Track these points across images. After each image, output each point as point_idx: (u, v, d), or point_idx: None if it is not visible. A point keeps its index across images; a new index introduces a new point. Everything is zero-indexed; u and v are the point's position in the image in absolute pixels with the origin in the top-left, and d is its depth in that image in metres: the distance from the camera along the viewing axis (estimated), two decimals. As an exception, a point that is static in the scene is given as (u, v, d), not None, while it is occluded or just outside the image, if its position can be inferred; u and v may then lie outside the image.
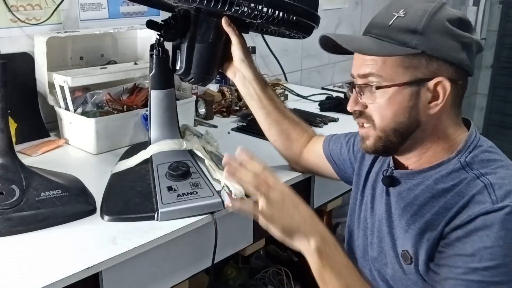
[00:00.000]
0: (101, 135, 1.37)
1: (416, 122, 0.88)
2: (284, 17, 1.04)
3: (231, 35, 1.12)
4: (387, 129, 0.89)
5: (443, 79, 0.85)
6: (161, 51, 1.13)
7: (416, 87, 0.86)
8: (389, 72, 0.86)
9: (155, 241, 0.95)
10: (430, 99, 0.87)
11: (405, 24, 0.85)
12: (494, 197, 0.80)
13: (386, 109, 0.88)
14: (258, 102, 1.18)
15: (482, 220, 0.79)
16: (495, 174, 0.84)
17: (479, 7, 3.64)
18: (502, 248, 0.77)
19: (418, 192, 0.91)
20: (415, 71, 0.86)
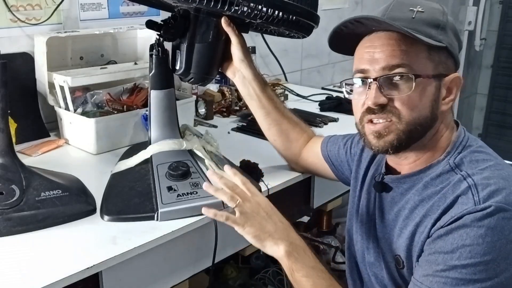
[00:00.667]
0: (101, 135, 1.37)
1: (435, 117, 0.89)
2: (283, 17, 1.04)
3: (230, 35, 1.12)
4: (414, 121, 0.87)
5: (458, 75, 0.89)
6: (160, 51, 1.13)
7: (438, 82, 0.88)
8: (419, 63, 0.86)
9: (155, 241, 0.95)
10: (444, 95, 0.89)
11: (429, 18, 0.88)
12: (477, 198, 0.80)
13: (416, 101, 0.86)
14: (258, 102, 1.19)
15: (463, 219, 0.79)
16: (481, 174, 0.83)
17: (479, 7, 3.64)
18: (481, 247, 0.77)
19: (409, 196, 0.91)
20: (438, 65, 0.88)
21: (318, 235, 1.94)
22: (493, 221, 0.77)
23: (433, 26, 0.87)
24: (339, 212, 2.19)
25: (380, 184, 0.97)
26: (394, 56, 0.86)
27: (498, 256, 0.77)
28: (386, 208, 0.97)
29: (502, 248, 0.77)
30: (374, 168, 1.04)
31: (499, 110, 4.02)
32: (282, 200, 1.26)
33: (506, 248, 0.77)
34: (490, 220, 0.77)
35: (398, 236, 0.92)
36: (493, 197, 0.79)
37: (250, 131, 1.56)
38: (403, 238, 0.90)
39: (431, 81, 0.87)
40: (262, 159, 1.25)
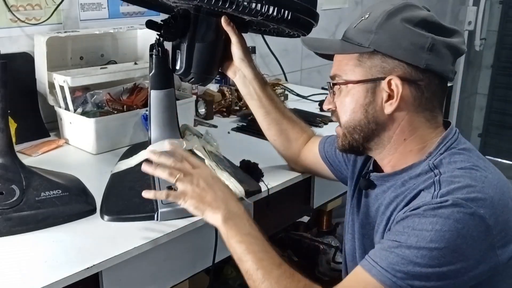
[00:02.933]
0: (101, 135, 1.37)
1: (374, 120, 0.91)
2: (284, 14, 1.04)
3: (230, 34, 1.12)
4: (349, 126, 0.93)
5: (393, 77, 0.87)
6: (160, 51, 1.13)
7: (372, 85, 0.89)
8: (346, 71, 0.92)
9: (155, 241, 0.96)
10: (386, 98, 0.89)
11: (365, 25, 0.90)
12: (436, 192, 0.81)
13: (345, 106, 0.93)
14: (258, 102, 1.19)
15: (418, 210, 0.80)
16: (451, 173, 0.84)
17: (479, 7, 3.64)
18: (429, 233, 0.77)
19: (388, 193, 0.93)
20: (370, 69, 0.89)
21: (318, 235, 1.94)
22: (447, 212, 0.78)
23: (366, 32, 0.89)
24: (339, 212, 2.19)
25: (366, 181, 1.00)
26: (333, 67, 0.96)
27: (445, 247, 0.77)
28: (370, 205, 0.99)
29: (451, 241, 0.77)
30: (366, 167, 1.05)
31: (499, 110, 4.02)
32: (282, 200, 1.26)
33: (456, 241, 0.77)
34: (444, 211, 0.78)
35: (376, 232, 0.94)
36: (452, 194, 0.80)
37: (250, 131, 1.56)
38: (378, 234, 0.92)
39: (359, 86, 0.90)
40: (262, 159, 1.25)
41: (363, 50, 0.89)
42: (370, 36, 0.88)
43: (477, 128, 4.15)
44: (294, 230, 1.96)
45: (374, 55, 0.88)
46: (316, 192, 1.41)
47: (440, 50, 0.87)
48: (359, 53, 0.90)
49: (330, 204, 1.61)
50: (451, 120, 0.99)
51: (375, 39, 0.88)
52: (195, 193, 0.93)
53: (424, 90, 0.88)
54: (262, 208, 1.18)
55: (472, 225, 0.78)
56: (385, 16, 0.88)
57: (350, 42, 0.91)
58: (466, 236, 0.77)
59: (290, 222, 1.58)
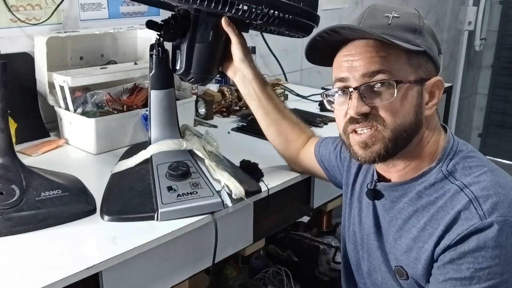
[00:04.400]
0: (101, 135, 1.37)
1: (420, 122, 0.88)
2: (284, 18, 1.04)
3: (230, 34, 1.11)
4: (399, 128, 0.85)
5: (440, 78, 0.88)
6: (161, 51, 1.13)
7: (420, 86, 0.87)
8: (399, 69, 0.85)
9: (155, 241, 0.95)
10: (427, 99, 0.88)
11: (405, 23, 0.86)
12: (481, 212, 0.78)
13: (399, 107, 0.85)
14: (258, 102, 1.19)
15: (475, 240, 0.77)
16: (478, 184, 0.82)
17: (479, 7, 3.64)
18: (499, 267, 0.76)
19: (401, 205, 0.90)
20: (418, 70, 0.87)
21: (318, 235, 1.94)
22: (504, 238, 0.76)
23: (410, 30, 0.86)
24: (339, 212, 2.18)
25: (372, 191, 0.96)
26: (374, 63, 0.84)
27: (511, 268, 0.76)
28: (380, 216, 0.95)
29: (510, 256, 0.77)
30: (362, 175, 1.03)
31: (499, 110, 4.02)
32: (282, 200, 1.26)
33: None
34: (500, 237, 0.76)
35: (393, 246, 0.91)
36: (497, 209, 0.78)
37: (250, 131, 1.56)
38: (400, 250, 0.89)
39: (412, 86, 0.86)
40: (262, 159, 1.25)
41: (416, 48, 0.85)
42: (415, 36, 0.86)
43: (477, 128, 4.16)
44: (294, 230, 1.96)
45: (420, 56, 0.87)
46: (316, 192, 1.41)
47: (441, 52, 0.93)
48: (407, 51, 0.85)
49: (330, 204, 1.61)
50: (451, 120, 1.01)
51: (422, 40, 0.87)
52: None
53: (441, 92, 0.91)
54: (262, 208, 1.18)
55: None
56: (422, 18, 0.89)
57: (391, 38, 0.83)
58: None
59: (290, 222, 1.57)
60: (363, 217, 1.00)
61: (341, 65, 0.89)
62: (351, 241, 1.04)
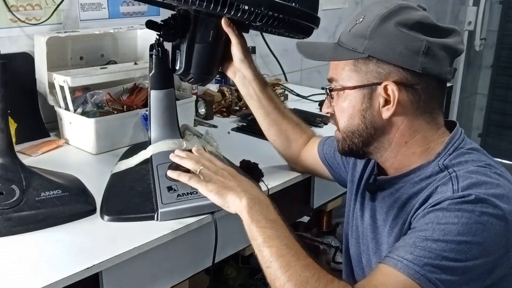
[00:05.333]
0: (101, 135, 1.37)
1: (372, 125, 0.90)
2: (283, 20, 1.04)
3: (230, 35, 1.11)
4: (347, 131, 0.93)
5: (389, 83, 0.86)
6: (160, 51, 1.13)
7: (369, 90, 0.89)
8: (343, 76, 0.91)
9: (155, 241, 0.96)
10: (383, 103, 0.88)
11: (359, 29, 0.89)
12: (456, 187, 0.81)
13: (343, 112, 0.93)
14: (258, 102, 1.19)
15: (442, 204, 0.80)
16: (466, 170, 0.84)
17: (479, 7, 3.64)
18: (456, 226, 0.76)
19: (398, 195, 0.92)
20: (366, 75, 0.89)
21: (318, 235, 1.94)
22: (472, 206, 0.77)
23: (360, 36, 0.88)
24: (339, 212, 2.18)
25: (373, 185, 0.99)
26: (330, 70, 0.95)
27: (472, 240, 0.76)
28: (378, 209, 0.97)
29: (478, 234, 0.76)
30: (368, 171, 1.04)
31: (499, 110, 4.02)
32: (282, 200, 1.26)
33: (483, 235, 0.76)
34: (469, 205, 0.77)
35: (388, 236, 0.92)
36: (473, 188, 0.80)
37: (250, 131, 1.56)
38: (393, 238, 0.91)
39: (356, 92, 0.90)
40: (262, 159, 1.25)
41: (358, 56, 0.88)
42: (364, 41, 0.87)
43: (477, 128, 4.15)
44: (294, 230, 1.95)
45: (369, 61, 0.88)
46: (316, 192, 1.41)
47: (436, 52, 0.86)
48: (354, 59, 0.89)
49: (330, 204, 1.61)
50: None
51: (369, 45, 0.87)
52: (218, 180, 0.93)
53: (422, 93, 0.88)
54: (262, 208, 1.18)
55: (496, 220, 0.78)
56: (379, 20, 0.87)
57: (344, 47, 0.90)
58: (491, 230, 0.77)
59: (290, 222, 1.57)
60: (364, 212, 1.01)
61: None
62: (354, 236, 1.05)
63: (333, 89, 0.93)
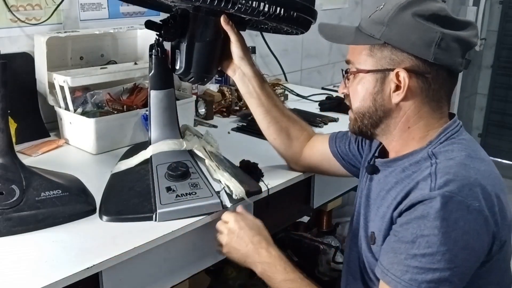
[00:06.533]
0: (101, 135, 1.37)
1: (382, 108, 0.95)
2: (284, 14, 1.05)
3: (229, 33, 1.12)
4: (359, 112, 0.98)
5: (401, 70, 0.90)
6: (160, 51, 1.13)
7: (382, 75, 0.93)
8: (359, 59, 0.95)
9: (155, 241, 0.96)
10: (394, 89, 0.92)
11: (378, 16, 0.93)
12: (433, 185, 0.84)
13: (356, 93, 0.97)
14: (257, 100, 1.19)
15: (420, 209, 0.83)
16: (446, 162, 0.87)
17: (479, 7, 3.64)
18: (437, 237, 0.80)
19: (389, 178, 0.96)
20: (380, 60, 0.93)
21: (318, 235, 1.94)
22: (447, 213, 0.81)
23: (379, 23, 0.92)
24: (339, 212, 2.19)
25: (371, 166, 1.03)
26: (349, 52, 0.99)
27: (455, 247, 0.81)
28: (372, 189, 1.02)
29: (458, 239, 0.81)
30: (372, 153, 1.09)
31: (499, 110, 4.02)
32: (282, 200, 1.26)
33: (463, 238, 0.81)
34: (444, 211, 0.81)
35: (375, 215, 0.98)
36: (447, 185, 0.82)
37: (250, 131, 1.56)
38: (378, 217, 0.96)
39: (370, 75, 0.94)
40: (262, 159, 1.25)
41: (374, 42, 0.92)
42: (382, 28, 0.91)
43: (477, 128, 4.15)
44: (294, 230, 1.96)
45: (385, 47, 0.92)
46: (316, 192, 1.41)
47: (449, 44, 0.89)
48: (370, 44, 0.93)
49: (330, 204, 1.61)
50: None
51: (386, 32, 0.91)
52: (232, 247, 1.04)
53: (432, 82, 0.91)
54: (262, 208, 1.18)
55: (472, 219, 0.81)
56: (397, 9, 0.91)
57: (363, 31, 0.95)
58: (470, 231, 0.81)
59: (290, 222, 1.58)
60: (363, 190, 1.06)
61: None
62: (356, 215, 1.08)
63: (349, 72, 0.98)
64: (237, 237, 1.03)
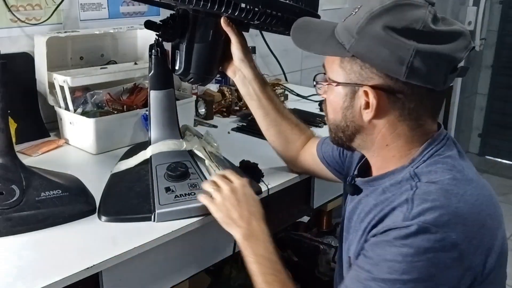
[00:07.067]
0: (101, 135, 1.37)
1: (353, 124, 0.87)
2: (282, 18, 1.04)
3: (230, 34, 1.11)
4: (332, 124, 0.92)
5: (368, 88, 0.82)
6: (160, 51, 1.13)
7: (351, 90, 0.85)
8: (332, 69, 0.88)
9: (154, 241, 0.96)
10: (364, 106, 0.84)
11: (350, 23, 0.84)
12: (408, 214, 0.77)
13: (329, 104, 0.91)
14: (257, 102, 1.18)
15: (392, 234, 0.77)
16: (427, 187, 0.79)
17: (479, 7, 3.64)
18: (400, 265, 0.75)
19: (369, 199, 0.90)
20: (349, 74, 0.85)
21: (318, 235, 1.93)
22: (416, 242, 0.75)
23: (349, 32, 0.83)
24: (339, 212, 2.18)
25: (351, 186, 0.97)
26: (325, 58, 0.91)
27: (418, 278, 0.75)
28: (352, 210, 0.96)
29: (423, 270, 0.75)
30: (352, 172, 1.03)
31: (499, 110, 4.02)
32: (282, 200, 1.26)
33: (429, 270, 0.74)
34: (413, 240, 0.75)
35: (353, 238, 0.93)
36: (423, 215, 0.76)
37: (250, 131, 1.56)
38: (355, 241, 0.91)
39: (340, 88, 0.86)
40: (262, 159, 1.25)
41: (343, 54, 0.84)
42: (351, 39, 0.82)
43: (477, 128, 4.15)
44: (294, 230, 1.96)
45: (354, 60, 0.83)
46: (316, 192, 1.41)
47: (425, 61, 0.79)
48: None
49: (330, 204, 1.61)
50: (451, 120, 0.98)
51: (354, 44, 0.82)
52: (225, 207, 1.00)
53: (406, 101, 0.82)
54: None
55: (443, 252, 0.75)
56: (368, 18, 0.81)
57: (337, 38, 0.86)
58: (438, 264, 0.75)
59: (290, 222, 1.57)
60: (345, 212, 1.01)
61: None
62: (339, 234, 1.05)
63: (318, 82, 0.92)
64: (236, 199, 0.99)
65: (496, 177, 3.64)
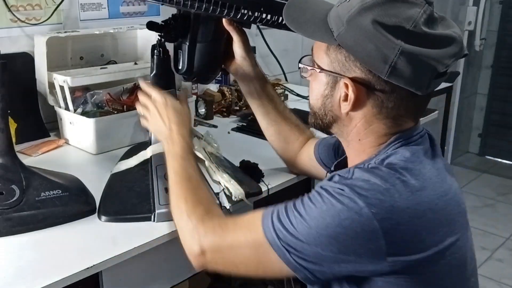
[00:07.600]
0: (101, 135, 1.37)
1: (331, 114, 0.88)
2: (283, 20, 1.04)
3: (232, 33, 1.11)
4: (312, 109, 0.92)
5: (348, 81, 0.81)
6: (162, 51, 1.13)
7: (333, 79, 0.85)
8: (318, 54, 0.87)
9: (154, 241, 0.96)
10: (343, 97, 0.84)
11: (341, 11, 0.82)
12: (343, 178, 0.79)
13: (311, 89, 0.91)
14: (258, 101, 1.18)
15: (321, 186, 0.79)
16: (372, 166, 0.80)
17: (479, 7, 3.64)
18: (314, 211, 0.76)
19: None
20: (333, 62, 0.84)
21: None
22: (337, 200, 0.75)
23: (339, 20, 0.81)
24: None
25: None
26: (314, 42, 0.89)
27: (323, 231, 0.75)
28: None
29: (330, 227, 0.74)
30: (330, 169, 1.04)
31: (499, 110, 4.02)
32: (282, 200, 1.26)
33: (335, 230, 0.74)
34: (335, 200, 0.75)
35: None
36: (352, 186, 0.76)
37: (250, 131, 1.57)
38: None
39: (322, 75, 0.86)
40: (262, 159, 1.25)
41: (330, 41, 0.83)
42: (340, 27, 0.80)
43: (477, 128, 4.16)
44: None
45: (340, 50, 0.82)
46: (316, 192, 1.41)
47: (410, 62, 0.76)
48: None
49: (330, 204, 1.61)
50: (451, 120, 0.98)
51: (343, 33, 0.80)
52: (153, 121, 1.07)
53: (385, 100, 0.81)
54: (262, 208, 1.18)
55: (357, 220, 0.74)
56: (359, 9, 0.78)
57: (328, 22, 0.84)
58: (348, 228, 0.74)
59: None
60: None
61: None
62: None
63: (303, 64, 0.91)
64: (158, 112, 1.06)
65: (496, 177, 3.65)
